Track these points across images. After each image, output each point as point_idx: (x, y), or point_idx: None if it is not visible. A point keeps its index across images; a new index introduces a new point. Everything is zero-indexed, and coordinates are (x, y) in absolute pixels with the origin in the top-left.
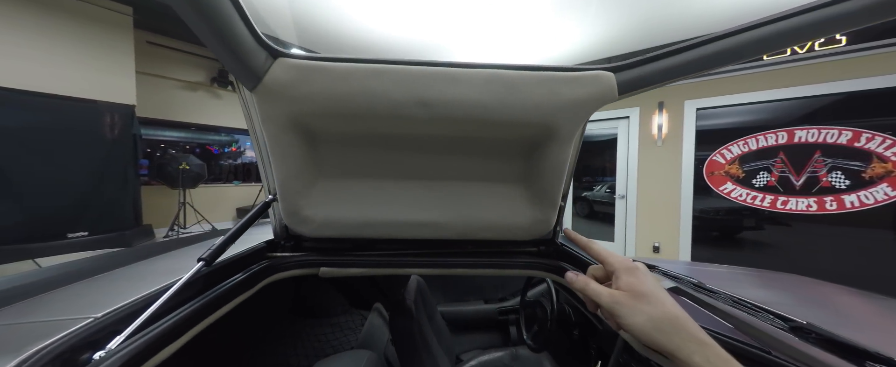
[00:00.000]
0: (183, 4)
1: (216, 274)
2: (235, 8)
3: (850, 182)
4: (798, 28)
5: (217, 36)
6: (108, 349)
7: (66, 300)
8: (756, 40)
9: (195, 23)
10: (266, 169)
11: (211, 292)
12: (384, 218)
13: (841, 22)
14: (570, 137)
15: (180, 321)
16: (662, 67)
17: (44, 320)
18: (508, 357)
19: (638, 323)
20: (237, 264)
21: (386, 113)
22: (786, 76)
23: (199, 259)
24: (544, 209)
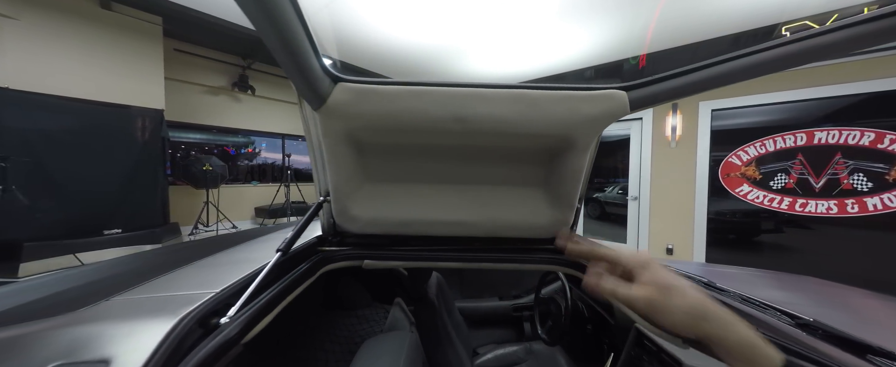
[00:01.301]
0: (276, 45)
1: (286, 264)
2: (311, 45)
3: (873, 184)
4: (792, 54)
5: (296, 68)
6: (229, 316)
7: (180, 281)
8: (753, 64)
9: (282, 58)
10: (319, 174)
11: (286, 278)
12: (421, 218)
13: (826, 50)
14: (586, 147)
15: (270, 300)
16: (670, 86)
17: (177, 293)
18: (523, 352)
19: (677, 319)
20: (298, 256)
21: (426, 128)
22: (805, 77)
23: (277, 250)
24: (563, 210)
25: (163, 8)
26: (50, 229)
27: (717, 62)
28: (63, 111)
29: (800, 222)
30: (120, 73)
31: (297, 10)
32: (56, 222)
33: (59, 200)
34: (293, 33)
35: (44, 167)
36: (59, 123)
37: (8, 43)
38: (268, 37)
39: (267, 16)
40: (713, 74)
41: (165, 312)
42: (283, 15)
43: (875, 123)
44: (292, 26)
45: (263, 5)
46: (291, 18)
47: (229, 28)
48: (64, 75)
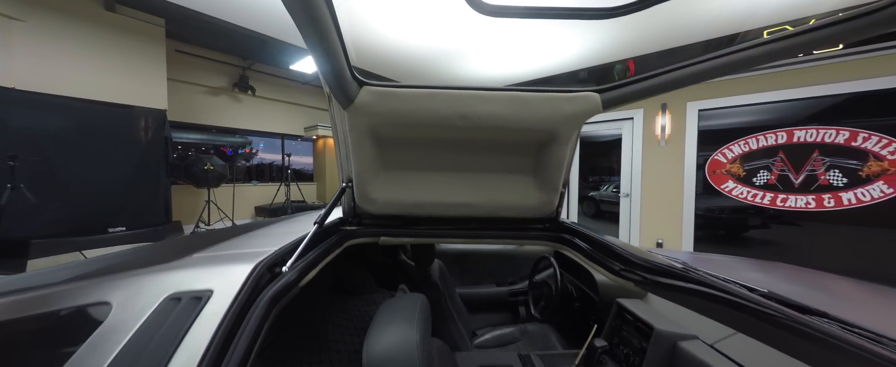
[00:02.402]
0: (319, 54)
1: (320, 235)
2: (344, 55)
3: (848, 180)
4: (745, 58)
5: (333, 73)
6: (287, 267)
7: (239, 245)
8: (707, 70)
9: (322, 65)
10: (343, 163)
11: (322, 245)
12: (429, 200)
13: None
14: (567, 139)
15: (314, 259)
16: (635, 88)
17: (244, 251)
18: (518, 332)
19: None
20: (326, 232)
21: (435, 124)
22: (786, 78)
23: (314, 223)
24: (549, 193)
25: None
26: (56, 227)
27: (673, 69)
28: (68, 111)
29: (781, 217)
30: (123, 74)
31: (337, 27)
32: (62, 220)
33: (64, 198)
34: (333, 46)
35: (50, 166)
36: (64, 123)
37: (15, 44)
38: (313, 48)
39: (315, 31)
40: (671, 79)
41: (242, 261)
42: (328, 31)
43: (849, 123)
44: (332, 40)
45: (314, 24)
46: (332, 34)
47: (229, 29)
48: (69, 76)
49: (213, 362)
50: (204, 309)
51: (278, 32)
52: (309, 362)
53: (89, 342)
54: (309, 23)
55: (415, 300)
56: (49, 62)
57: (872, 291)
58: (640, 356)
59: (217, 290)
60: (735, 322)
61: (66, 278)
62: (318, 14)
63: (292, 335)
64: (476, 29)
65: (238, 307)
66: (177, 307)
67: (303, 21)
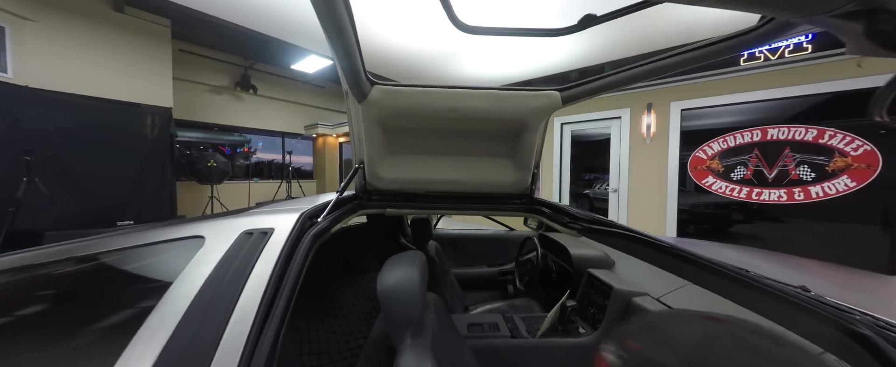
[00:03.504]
0: (342, 57)
1: (340, 203)
2: (360, 58)
3: (816, 175)
4: (675, 62)
5: (352, 73)
6: (321, 219)
7: (287, 206)
8: (648, 70)
9: (343, 66)
10: (356, 148)
11: (341, 209)
12: (426, 177)
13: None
14: (536, 128)
15: (337, 217)
16: (586, 88)
17: (285, 207)
18: (506, 307)
19: None
20: (345, 201)
21: (430, 115)
22: (762, 80)
23: (337, 191)
24: (523, 172)
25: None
26: (68, 219)
27: (616, 72)
28: (79, 108)
29: (759, 211)
30: (131, 72)
31: (356, 34)
32: (73, 213)
33: (75, 192)
34: (352, 48)
35: (62, 162)
36: (75, 120)
37: (27, 44)
38: (337, 51)
39: (340, 38)
40: (613, 80)
41: (291, 212)
42: (348, 37)
43: (818, 121)
44: (352, 45)
45: (339, 32)
46: (352, 38)
47: (233, 29)
48: (79, 75)
49: (280, 273)
50: (269, 240)
51: (280, 32)
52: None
53: (194, 260)
54: (334, 28)
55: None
56: (60, 61)
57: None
58: (602, 312)
59: (277, 228)
60: (645, 256)
61: (174, 225)
62: (341, 22)
63: (310, 300)
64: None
65: (292, 239)
66: (250, 239)
67: (330, 27)
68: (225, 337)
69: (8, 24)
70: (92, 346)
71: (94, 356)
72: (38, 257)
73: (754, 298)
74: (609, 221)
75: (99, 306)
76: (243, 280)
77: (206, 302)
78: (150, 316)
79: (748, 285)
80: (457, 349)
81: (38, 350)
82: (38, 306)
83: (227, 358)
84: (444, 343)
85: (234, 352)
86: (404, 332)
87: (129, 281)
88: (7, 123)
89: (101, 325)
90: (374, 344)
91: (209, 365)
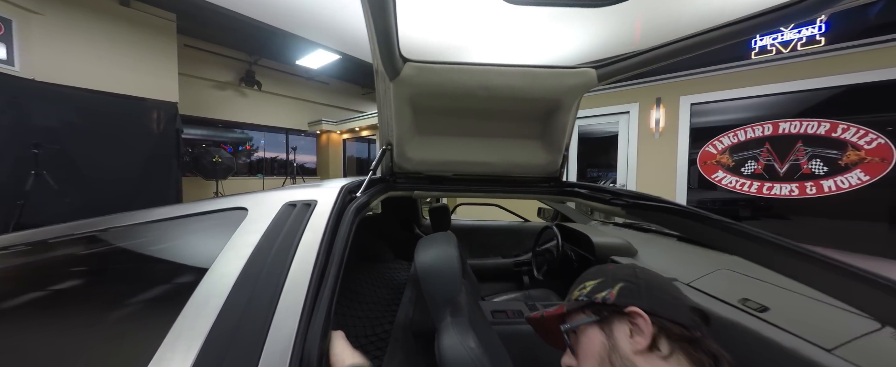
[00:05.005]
0: (380, 34)
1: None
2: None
3: (828, 169)
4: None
5: (387, 50)
6: (358, 194)
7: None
8: (690, 45)
9: (380, 43)
10: (384, 129)
11: (374, 188)
12: (455, 159)
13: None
14: (569, 107)
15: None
16: (625, 64)
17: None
18: (522, 297)
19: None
20: (375, 182)
21: (462, 94)
22: (774, 73)
23: (369, 169)
24: (553, 154)
25: (177, 4)
26: (76, 213)
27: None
28: (85, 102)
29: (764, 205)
30: (137, 67)
31: (395, 8)
32: (81, 207)
33: (83, 186)
34: (390, 25)
35: (69, 155)
36: (82, 114)
37: (34, 37)
38: (377, 26)
39: (382, 12)
40: (652, 56)
41: (328, 189)
42: (389, 11)
43: (831, 115)
44: (390, 19)
45: (381, 5)
46: (391, 14)
47: (238, 21)
48: (86, 69)
49: (328, 242)
50: (313, 211)
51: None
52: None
53: (239, 229)
54: (378, 1)
55: (448, 233)
56: (66, 55)
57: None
58: None
59: (320, 201)
60: (698, 232)
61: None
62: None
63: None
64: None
65: (337, 210)
66: (294, 210)
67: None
68: (281, 303)
69: (15, 17)
70: (141, 316)
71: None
72: (77, 227)
73: (818, 273)
74: (654, 196)
75: (145, 276)
76: (293, 249)
77: (256, 270)
78: (200, 284)
79: (813, 261)
80: (487, 332)
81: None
82: (84, 277)
83: (284, 321)
84: (478, 324)
85: (292, 316)
86: (444, 310)
87: (174, 251)
88: (14, 116)
89: (149, 295)
90: (402, 328)
91: (268, 329)
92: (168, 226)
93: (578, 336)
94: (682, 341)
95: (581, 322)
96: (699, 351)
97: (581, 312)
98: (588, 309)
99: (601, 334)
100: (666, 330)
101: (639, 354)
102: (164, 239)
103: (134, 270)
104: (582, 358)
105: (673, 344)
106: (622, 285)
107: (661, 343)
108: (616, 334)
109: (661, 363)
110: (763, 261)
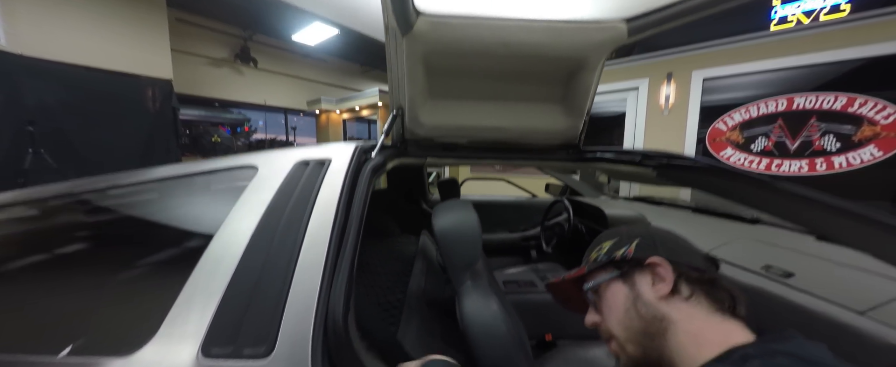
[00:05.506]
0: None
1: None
2: None
3: (841, 144)
4: None
5: (401, 4)
6: (373, 155)
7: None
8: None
9: (393, 2)
10: (394, 92)
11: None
12: (470, 124)
13: None
14: (595, 67)
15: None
16: (661, 16)
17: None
18: (529, 270)
19: None
20: (387, 148)
21: (480, 52)
22: (792, 45)
23: (381, 133)
24: (574, 119)
25: None
26: None
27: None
28: (78, 79)
29: None
30: (128, 42)
31: None
32: None
33: (82, 165)
34: None
35: (65, 134)
36: (73, 91)
37: (19, 11)
38: None
39: None
40: (694, 5)
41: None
42: None
43: (849, 89)
44: None
45: None
46: None
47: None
48: (74, 43)
49: (347, 200)
50: (328, 169)
51: None
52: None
53: (250, 186)
54: None
55: (464, 200)
56: (54, 29)
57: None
58: None
59: (334, 159)
60: (731, 193)
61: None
62: None
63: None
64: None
65: (353, 169)
66: (307, 168)
67: None
68: (300, 261)
69: None
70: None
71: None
72: (85, 184)
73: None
74: (688, 156)
75: (153, 234)
76: (310, 206)
77: (271, 228)
78: (212, 241)
79: (872, 222)
80: (503, 300)
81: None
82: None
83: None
84: (495, 291)
85: (314, 274)
86: (464, 274)
87: (183, 209)
88: (6, 93)
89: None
90: (416, 297)
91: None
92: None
93: (601, 293)
94: (701, 283)
95: (603, 279)
96: (718, 290)
97: (602, 270)
98: (609, 267)
99: (624, 286)
100: (685, 275)
101: (662, 299)
102: (172, 197)
103: (141, 228)
104: (607, 312)
105: (693, 286)
106: (639, 240)
107: (681, 287)
108: (638, 285)
109: (683, 304)
110: (819, 227)
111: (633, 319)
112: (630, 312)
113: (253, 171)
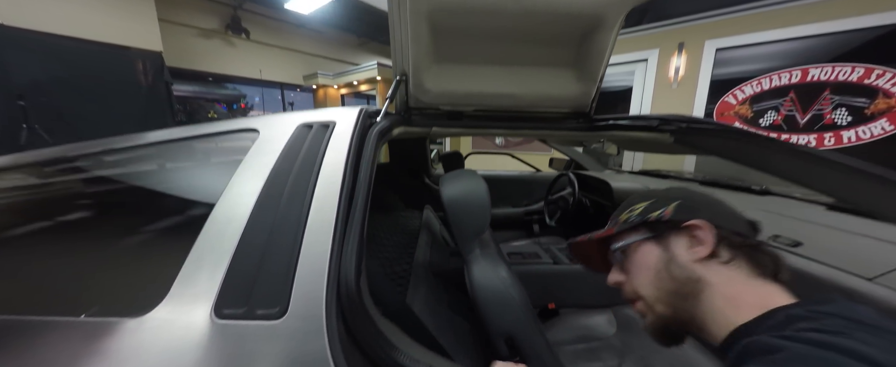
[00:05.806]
0: None
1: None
2: None
3: (852, 118)
4: None
5: None
6: (379, 119)
7: None
8: None
9: None
10: (397, 56)
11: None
12: (478, 90)
13: None
14: (613, 24)
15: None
16: None
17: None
18: (533, 243)
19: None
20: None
21: (489, 9)
22: (811, 12)
23: (387, 98)
24: (587, 84)
25: None
26: None
27: None
28: (63, 51)
29: None
30: (112, 11)
31: None
32: None
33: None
34: None
35: (58, 109)
36: (62, 64)
37: None
38: None
39: None
40: None
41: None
42: None
43: (868, 59)
44: None
45: None
46: None
47: None
48: (58, 12)
49: (354, 162)
50: (333, 132)
51: None
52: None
53: (253, 150)
54: None
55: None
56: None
57: None
58: None
59: (338, 121)
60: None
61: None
62: None
63: None
64: None
65: (359, 132)
66: (310, 131)
67: None
68: (309, 223)
69: None
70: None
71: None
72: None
73: None
74: (709, 120)
75: (155, 197)
76: (316, 168)
77: (277, 190)
78: (217, 204)
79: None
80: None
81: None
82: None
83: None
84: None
85: (324, 236)
86: (472, 242)
87: (185, 172)
88: None
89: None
90: (422, 267)
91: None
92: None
93: (630, 254)
94: (744, 247)
95: (633, 240)
96: (760, 254)
97: (632, 231)
98: (641, 228)
99: (657, 248)
100: (726, 239)
101: (699, 262)
102: (172, 160)
103: (142, 192)
104: (635, 272)
105: (734, 251)
106: (678, 202)
107: (721, 251)
108: (673, 246)
109: (721, 267)
110: (848, 197)
111: (664, 280)
112: (661, 273)
113: (254, 134)
